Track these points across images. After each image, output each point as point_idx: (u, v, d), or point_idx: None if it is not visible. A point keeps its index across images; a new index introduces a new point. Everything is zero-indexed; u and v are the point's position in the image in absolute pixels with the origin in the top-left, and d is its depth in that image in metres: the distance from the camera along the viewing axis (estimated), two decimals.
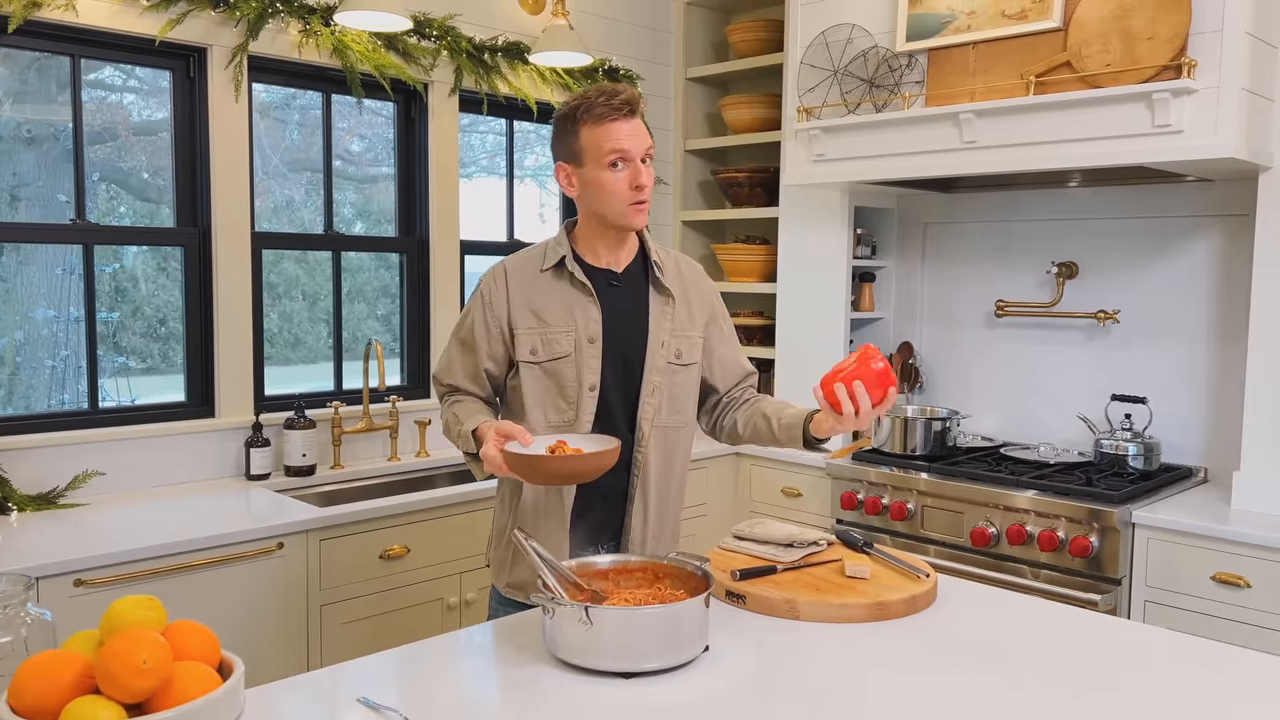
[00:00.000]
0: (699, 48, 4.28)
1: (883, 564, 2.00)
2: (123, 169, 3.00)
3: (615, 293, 1.94)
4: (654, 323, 1.95)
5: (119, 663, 0.98)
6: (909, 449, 3.28)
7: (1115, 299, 3.29)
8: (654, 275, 1.96)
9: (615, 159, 1.82)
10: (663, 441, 1.99)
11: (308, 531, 2.55)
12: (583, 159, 1.84)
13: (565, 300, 1.91)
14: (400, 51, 3.28)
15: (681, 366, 1.99)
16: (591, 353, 1.90)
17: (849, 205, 3.56)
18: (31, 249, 2.83)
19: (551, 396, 1.91)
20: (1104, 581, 2.76)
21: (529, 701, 1.43)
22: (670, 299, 1.98)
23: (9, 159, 2.76)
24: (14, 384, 2.85)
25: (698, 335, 2.03)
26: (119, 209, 3.02)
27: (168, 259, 3.03)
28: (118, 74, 2.95)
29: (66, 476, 2.68)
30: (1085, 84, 2.69)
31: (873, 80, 3.12)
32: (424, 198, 3.49)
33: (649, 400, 1.95)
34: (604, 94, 1.82)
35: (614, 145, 1.81)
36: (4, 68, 2.71)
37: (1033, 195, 3.47)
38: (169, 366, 3.08)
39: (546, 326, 1.91)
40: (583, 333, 1.90)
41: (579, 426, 1.90)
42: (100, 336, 2.91)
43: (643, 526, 2.00)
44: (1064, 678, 1.54)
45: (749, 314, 4.16)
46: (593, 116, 1.81)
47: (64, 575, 2.18)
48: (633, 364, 1.94)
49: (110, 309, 3.00)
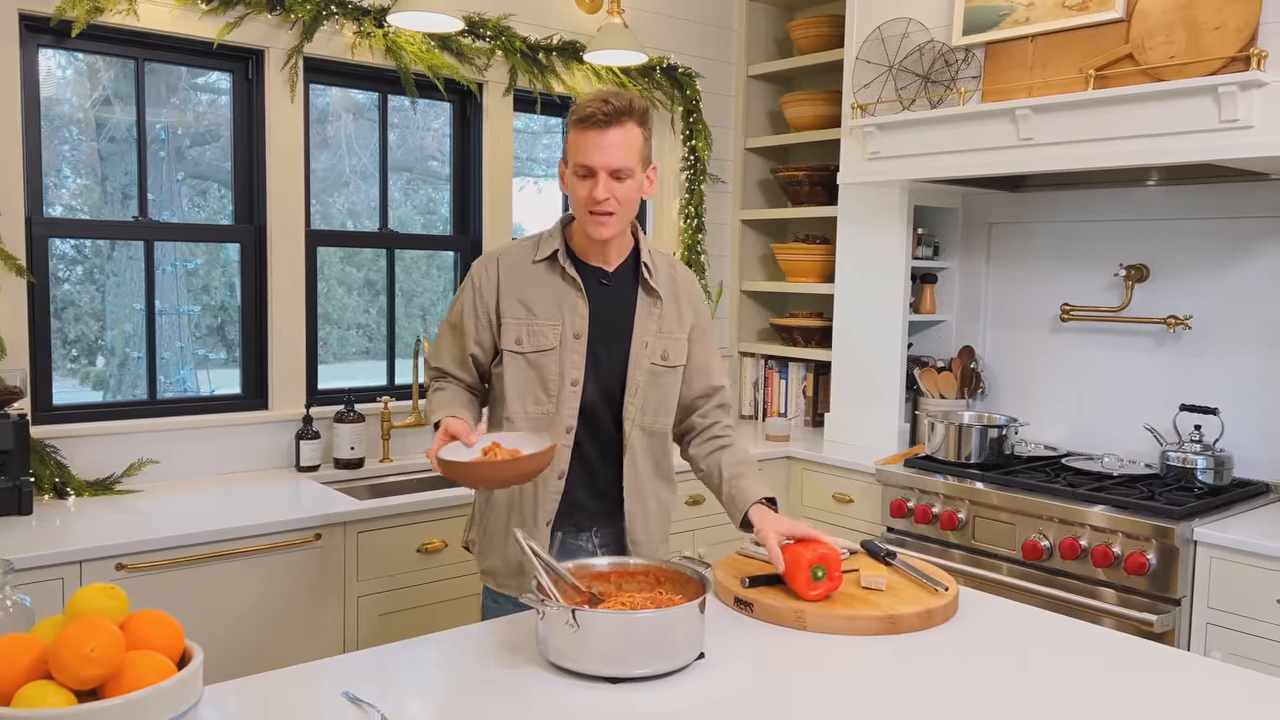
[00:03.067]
0: (761, 44, 4.22)
1: (903, 576, 1.93)
2: (225, 169, 3.09)
3: (604, 291, 1.94)
4: (639, 323, 1.95)
5: (68, 650, 1.00)
6: (963, 456, 3.17)
7: (1187, 304, 3.12)
8: (643, 277, 1.96)
9: (580, 170, 1.82)
10: (647, 444, 1.98)
11: (345, 524, 2.60)
12: (568, 160, 1.87)
13: (554, 293, 1.91)
14: (454, 51, 3.32)
15: (668, 368, 1.98)
16: (576, 348, 1.90)
17: (908, 204, 3.47)
18: (137, 245, 2.94)
19: (533, 388, 1.91)
20: (1162, 601, 2.62)
21: (514, 704, 1.43)
22: (658, 300, 1.97)
23: (122, 159, 2.88)
24: (123, 373, 2.98)
25: (684, 339, 2.01)
26: (229, 207, 3.12)
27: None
28: (224, 77, 3.05)
29: (124, 464, 2.79)
30: (1148, 77, 2.56)
31: (928, 75, 3.02)
32: (478, 196, 3.52)
33: (632, 400, 1.95)
34: (597, 99, 1.80)
35: (582, 157, 1.81)
36: (116, 71, 2.83)
37: (1103, 195, 3.31)
38: None
39: (533, 318, 1.91)
40: (569, 328, 1.90)
41: (559, 420, 1.91)
42: (195, 329, 3.03)
43: (640, 528, 1.99)
44: (1078, 709, 1.46)
45: (807, 315, 4.08)
46: (577, 121, 1.82)
47: (107, 559, 2.26)
48: (617, 363, 1.94)
49: (194, 303, 3.12)
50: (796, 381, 4.08)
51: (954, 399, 3.58)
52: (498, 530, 1.98)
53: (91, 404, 2.88)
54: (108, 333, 2.89)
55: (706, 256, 4.04)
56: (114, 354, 2.95)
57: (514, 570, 1.96)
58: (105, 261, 2.88)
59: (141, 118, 2.90)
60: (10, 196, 2.59)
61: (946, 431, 3.20)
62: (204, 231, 3.08)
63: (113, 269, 2.93)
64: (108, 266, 2.89)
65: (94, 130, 2.80)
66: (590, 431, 1.94)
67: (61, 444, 2.69)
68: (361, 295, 3.31)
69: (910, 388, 3.62)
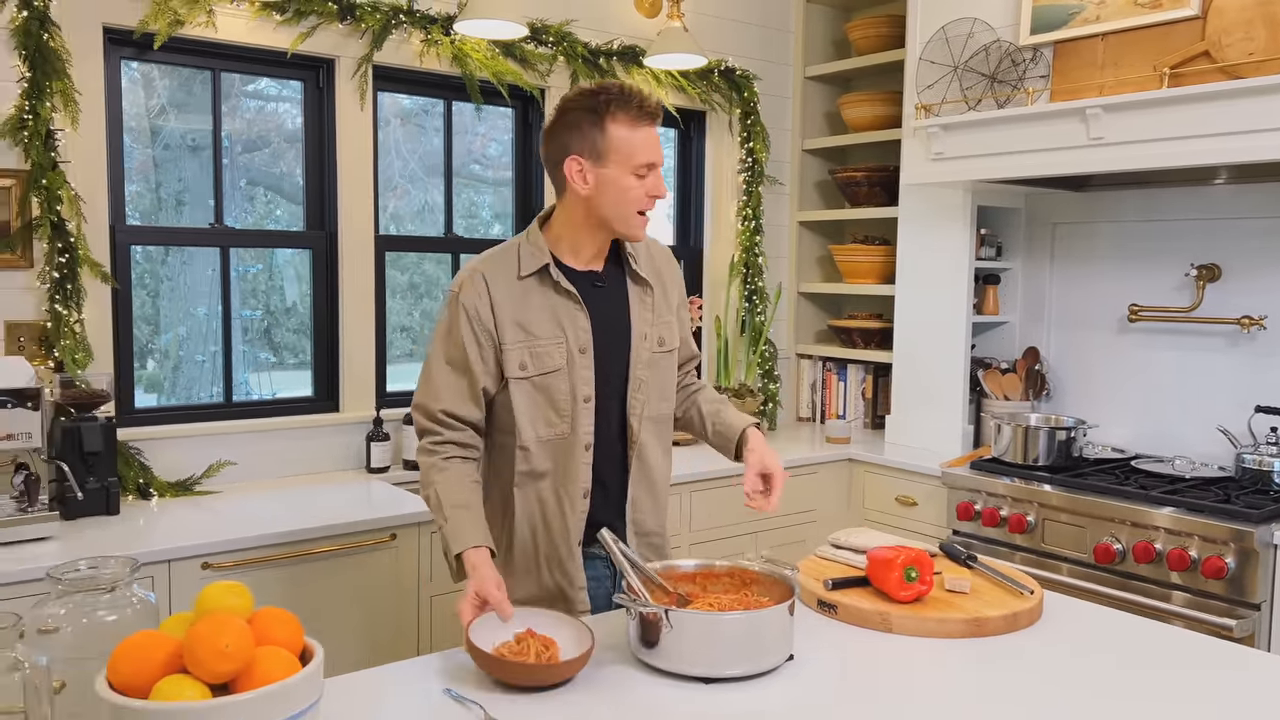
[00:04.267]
0: (818, 45, 4.22)
1: (986, 579, 1.93)
2: (276, 174, 3.17)
3: (599, 294, 1.84)
4: (635, 317, 1.87)
5: (203, 646, 1.04)
6: (1031, 459, 3.14)
7: (1262, 303, 3.07)
8: (630, 268, 1.88)
9: (644, 168, 1.74)
10: (653, 431, 1.91)
11: (419, 524, 2.64)
12: (607, 159, 1.73)
13: (550, 309, 1.80)
14: (517, 58, 3.35)
15: (665, 353, 1.92)
16: (584, 363, 1.80)
17: (971, 205, 3.45)
18: (192, 250, 3.03)
19: (543, 410, 1.80)
20: (1241, 606, 2.58)
21: (609, 702, 1.45)
22: (649, 289, 1.90)
23: (176, 166, 2.96)
24: (177, 377, 3.05)
25: (674, 319, 1.96)
26: (276, 212, 3.19)
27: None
28: (273, 84, 3.13)
29: (202, 465, 2.86)
30: (1225, 75, 2.52)
31: (995, 75, 3.01)
32: (540, 200, 3.56)
33: (636, 396, 1.87)
34: (633, 95, 1.72)
35: (646, 155, 1.73)
36: (171, 80, 2.90)
37: (1172, 194, 3.27)
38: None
39: (534, 339, 1.79)
40: (573, 344, 1.80)
41: (576, 439, 1.81)
42: (255, 333, 3.09)
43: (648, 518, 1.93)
44: (1180, 713, 1.45)
45: (866, 316, 4.07)
46: (626, 117, 1.71)
47: (193, 558, 2.32)
48: (619, 364, 1.86)
49: (254, 309, 3.18)
50: (855, 383, 4.07)
51: (1019, 401, 3.55)
52: (527, 558, 1.86)
53: (171, 407, 2.96)
54: (161, 337, 2.97)
55: (764, 258, 4.04)
56: (168, 358, 3.02)
57: (555, 596, 1.85)
58: (159, 267, 2.94)
59: (217, 127, 2.97)
60: (96, 205, 2.67)
61: (1014, 433, 3.18)
62: (278, 238, 3.14)
63: (166, 274, 3.00)
64: (161, 271, 2.96)
65: (149, 138, 2.87)
66: (599, 436, 1.85)
67: (144, 446, 2.76)
68: (404, 298, 3.35)
69: (973, 389, 3.60)
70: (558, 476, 1.83)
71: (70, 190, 2.58)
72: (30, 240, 2.57)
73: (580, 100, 1.74)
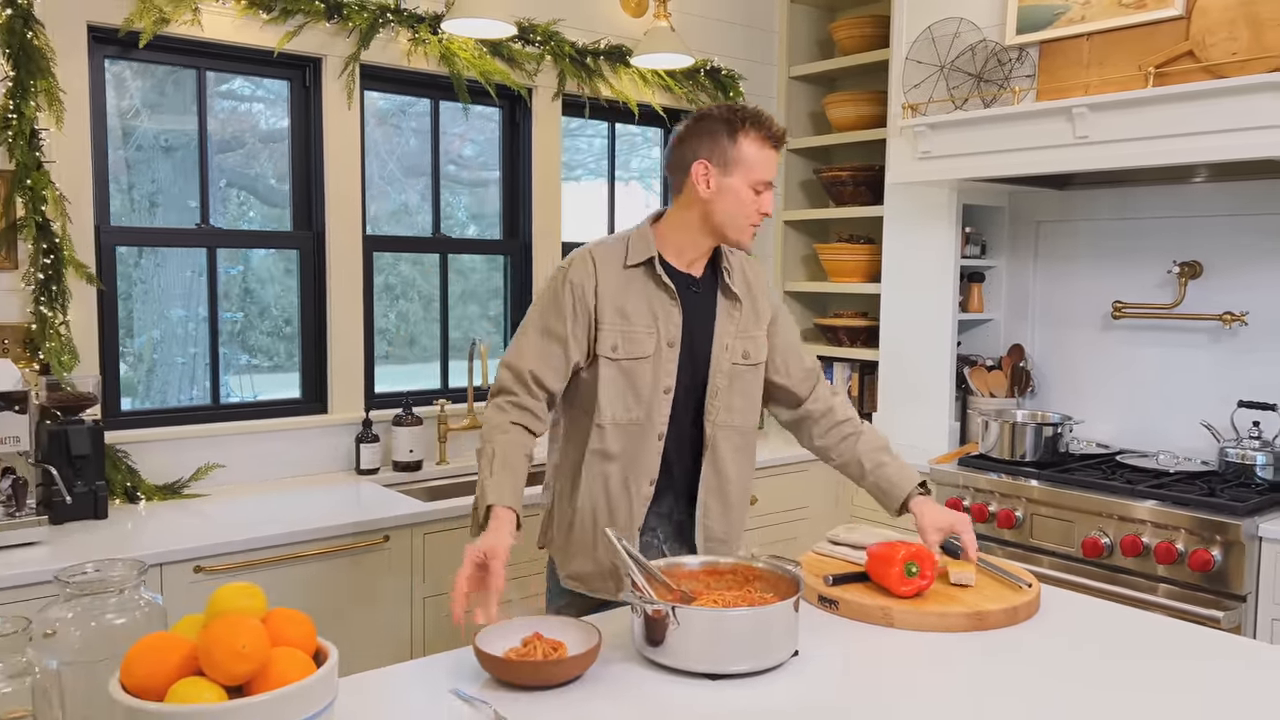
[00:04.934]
0: (803, 46, 4.23)
1: (984, 573, 1.94)
2: (251, 175, 3.15)
3: (693, 297, 1.96)
4: (719, 326, 1.98)
5: (219, 647, 1.03)
6: (1018, 455, 3.17)
7: (1243, 300, 3.12)
8: (723, 281, 1.99)
9: (762, 185, 1.87)
10: (728, 441, 2.00)
11: (412, 526, 2.63)
12: (733, 169, 1.85)
13: (648, 300, 1.92)
14: (505, 57, 3.34)
15: (749, 367, 2.02)
16: (669, 356, 1.92)
17: (957, 203, 3.47)
18: (168, 251, 3.00)
19: (623, 395, 1.91)
20: (1227, 598, 2.61)
21: (617, 699, 1.45)
22: (738, 303, 2.00)
23: (148, 166, 2.93)
24: (151, 380, 3.02)
25: (763, 335, 2.05)
26: (249, 214, 3.17)
27: (292, 261, 3.17)
28: (248, 84, 3.10)
29: (190, 468, 2.83)
30: (1209, 74, 2.56)
31: (981, 75, 3.03)
32: (528, 201, 3.55)
33: (713, 402, 1.97)
34: (767, 119, 1.87)
35: (767, 173, 1.87)
36: (144, 80, 2.87)
37: (1153, 192, 3.31)
38: (294, 365, 3.21)
39: (629, 324, 1.90)
40: (664, 335, 1.91)
41: (650, 427, 1.92)
42: (228, 335, 3.06)
43: (716, 525, 2.02)
44: (1176, 700, 1.47)
45: (852, 315, 4.09)
46: (760, 135, 1.85)
47: (185, 562, 2.30)
48: (700, 367, 1.97)
49: (237, 309, 3.15)
50: (841, 381, 4.09)
51: (1004, 398, 3.59)
52: (585, 535, 1.97)
53: (158, 410, 2.93)
54: (135, 339, 2.93)
55: (751, 257, 4.04)
56: (142, 361, 2.98)
57: (607, 573, 1.97)
58: (132, 269, 2.91)
59: (203, 126, 2.94)
60: (80, 206, 2.63)
61: (1001, 430, 3.21)
62: (266, 238, 3.12)
63: (140, 276, 2.96)
64: (134, 274, 2.92)
65: (120, 139, 2.83)
66: (672, 434, 1.96)
67: (131, 449, 2.73)
68: (379, 300, 3.32)
69: (959, 387, 3.63)
70: (627, 461, 1.93)
71: (55, 190, 2.55)
72: (15, 241, 2.54)
73: (719, 113, 1.89)
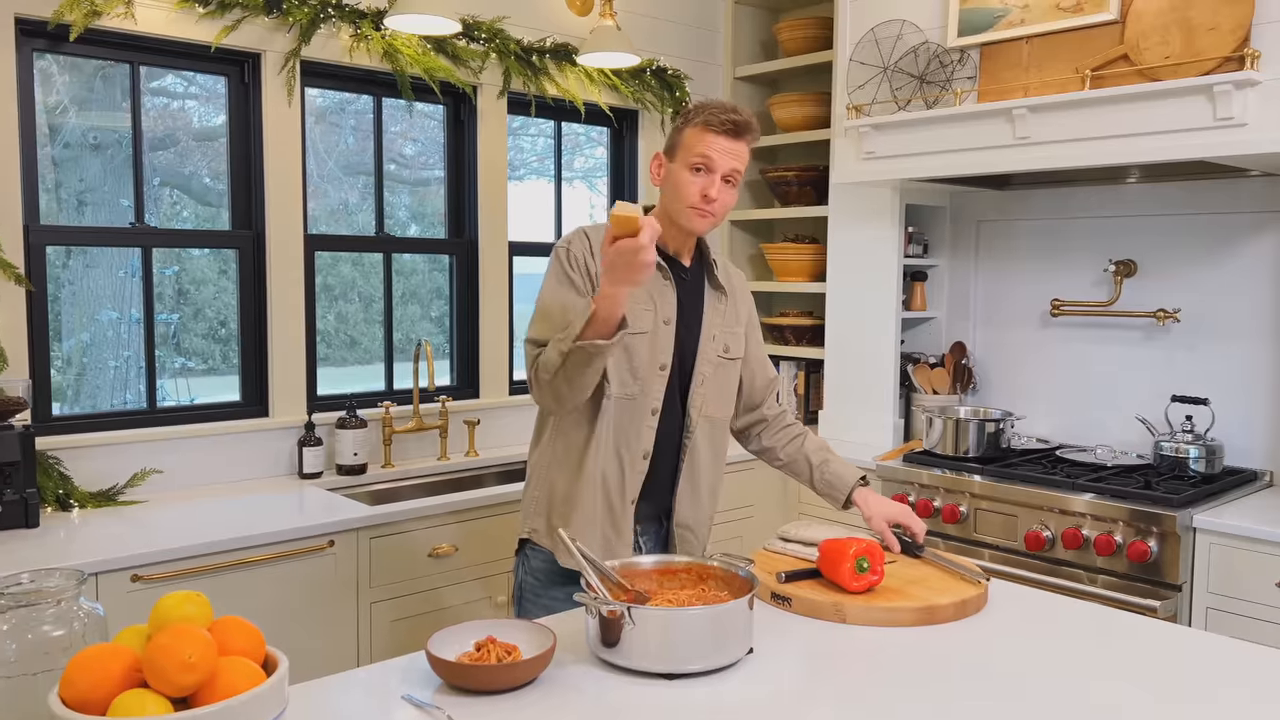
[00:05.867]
0: (747, 46, 4.26)
1: (934, 567, 1.96)
2: (184, 174, 3.07)
3: (683, 284, 2.01)
4: (708, 316, 2.04)
5: (165, 657, 0.99)
6: (961, 451, 3.22)
7: (1176, 297, 3.20)
8: (711, 271, 2.06)
9: (698, 164, 1.89)
10: (709, 432, 2.06)
11: (358, 530, 2.58)
12: (675, 155, 1.93)
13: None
14: (449, 54, 3.31)
15: (729, 360, 2.08)
16: (666, 333, 1.97)
17: (900, 203, 3.52)
18: (97, 252, 2.91)
19: (620, 371, 1.94)
20: (1163, 587, 2.68)
21: (571, 702, 1.43)
22: (724, 296, 2.08)
23: (76, 165, 2.84)
24: (80, 384, 2.92)
25: (743, 333, 2.12)
26: (182, 213, 3.08)
27: (228, 262, 3.09)
28: (179, 80, 3.02)
29: (126, 474, 2.75)
30: (1144, 77, 2.62)
31: (924, 76, 3.07)
32: (473, 200, 3.52)
33: (698, 390, 2.03)
34: (721, 107, 1.91)
35: (703, 151, 1.88)
36: (71, 76, 2.78)
37: (1089, 192, 3.39)
38: (229, 367, 3.14)
39: (630, 300, 1.88)
40: (660, 313, 1.96)
41: (644, 402, 1.95)
42: (161, 338, 2.98)
43: (689, 513, 2.05)
44: (1123, 687, 1.50)
45: (797, 314, 4.12)
46: (701, 121, 1.89)
47: (122, 570, 2.23)
48: (687, 354, 2.02)
49: (172, 311, 3.07)
50: (788, 380, 4.12)
51: (947, 394, 3.64)
52: (588, 510, 1.95)
53: (91, 414, 2.84)
54: (63, 343, 2.84)
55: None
56: (71, 365, 2.89)
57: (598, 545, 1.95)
58: (60, 271, 2.82)
59: (137, 123, 2.86)
60: (8, 204, 2.54)
61: (944, 426, 3.25)
62: (202, 238, 3.04)
63: (68, 278, 2.87)
64: (62, 276, 2.83)
65: (46, 137, 2.74)
66: (663, 415, 1.98)
67: (63, 455, 2.64)
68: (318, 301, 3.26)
69: (902, 384, 3.67)
70: (621, 436, 1.96)
71: None
72: None
73: (684, 109, 2.01)
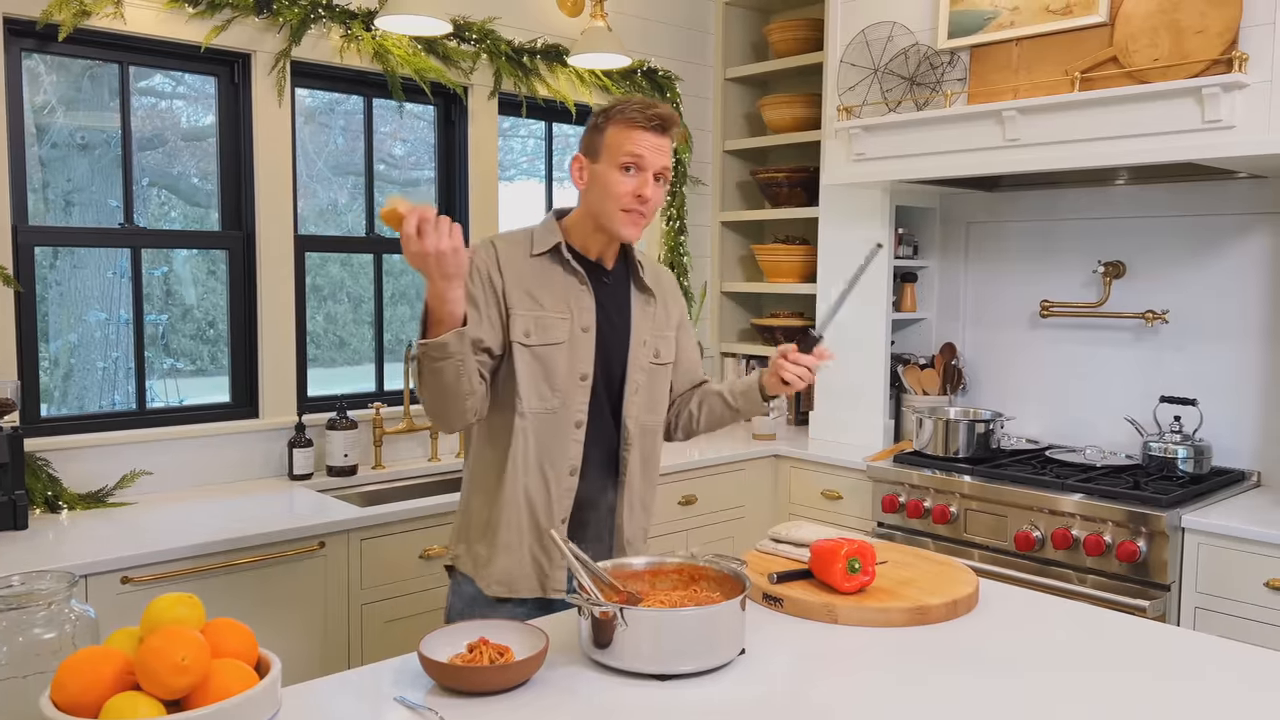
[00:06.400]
0: (738, 48, 4.26)
1: (927, 564, 1.97)
2: (173, 174, 3.05)
3: (605, 289, 1.93)
4: (636, 321, 1.97)
5: (158, 660, 0.99)
6: (951, 451, 3.23)
7: (1164, 299, 3.22)
8: (636, 274, 1.98)
9: (629, 163, 1.82)
10: (643, 439, 1.98)
11: (349, 531, 2.58)
12: (599, 155, 1.85)
13: (560, 286, 1.88)
14: (440, 55, 3.30)
15: (660, 366, 2.02)
16: (584, 341, 1.89)
17: (890, 204, 3.53)
18: (85, 253, 2.89)
19: (537, 383, 1.86)
20: (1152, 587, 2.70)
21: (564, 703, 1.43)
22: (652, 298, 2.00)
23: (63, 165, 2.82)
24: (67, 385, 2.91)
25: (673, 336, 2.06)
26: (170, 213, 3.07)
27: (216, 262, 3.08)
28: (168, 81, 3.01)
29: (115, 476, 2.73)
30: (1132, 79, 2.64)
31: (914, 78, 3.08)
32: (464, 200, 3.51)
33: (633, 398, 1.95)
34: (643, 103, 1.84)
35: (632, 149, 1.81)
36: (58, 75, 2.77)
37: (1078, 194, 3.40)
38: (218, 368, 3.13)
39: (541, 310, 1.86)
40: (577, 321, 1.88)
41: (566, 415, 1.87)
42: (150, 339, 2.96)
43: (630, 524, 1.99)
44: (1113, 686, 1.51)
45: (788, 315, 4.13)
46: (624, 119, 1.82)
47: (112, 572, 2.22)
48: (617, 361, 1.94)
49: (160, 312, 3.05)
50: None
51: (937, 395, 3.65)
52: (512, 534, 1.89)
53: (81, 416, 2.82)
54: (50, 344, 2.82)
55: (688, 258, 4.06)
56: (58, 366, 2.88)
57: (531, 573, 1.90)
58: (47, 272, 2.80)
59: (126, 123, 2.85)
60: None
61: (935, 427, 3.26)
62: (192, 239, 3.03)
63: (55, 278, 2.86)
64: (50, 276, 2.82)
65: (34, 137, 2.73)
66: (591, 427, 1.91)
67: (52, 456, 2.63)
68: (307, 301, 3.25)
69: (893, 385, 3.68)
70: (544, 452, 1.88)
71: None
72: None
73: (599, 108, 1.89)
